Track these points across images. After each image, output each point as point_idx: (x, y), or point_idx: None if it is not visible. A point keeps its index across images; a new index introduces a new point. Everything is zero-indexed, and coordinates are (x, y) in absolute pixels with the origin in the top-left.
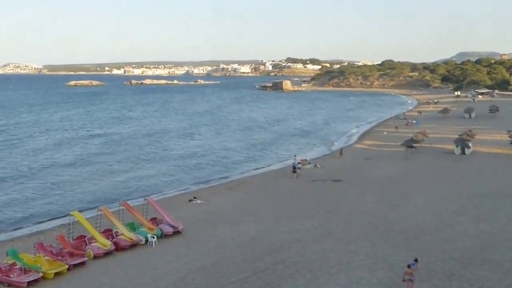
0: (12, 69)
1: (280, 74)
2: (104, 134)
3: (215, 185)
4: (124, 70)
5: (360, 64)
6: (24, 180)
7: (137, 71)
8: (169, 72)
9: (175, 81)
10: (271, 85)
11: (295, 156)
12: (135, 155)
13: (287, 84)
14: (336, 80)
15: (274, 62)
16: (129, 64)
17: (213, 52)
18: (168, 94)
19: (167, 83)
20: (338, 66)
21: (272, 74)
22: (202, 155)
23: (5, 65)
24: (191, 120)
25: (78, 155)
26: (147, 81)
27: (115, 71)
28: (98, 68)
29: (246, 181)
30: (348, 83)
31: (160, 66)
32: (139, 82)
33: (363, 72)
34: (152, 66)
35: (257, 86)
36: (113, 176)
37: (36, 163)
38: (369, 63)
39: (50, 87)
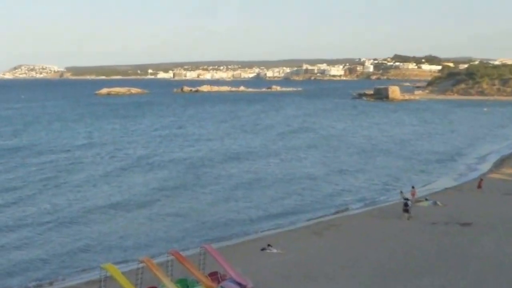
0: (25, 73)
1: (385, 77)
2: (151, 156)
3: (297, 227)
4: (174, 73)
5: (497, 63)
6: (50, 218)
7: (191, 75)
8: (233, 76)
9: (242, 88)
10: (372, 92)
11: (401, 192)
12: (193, 181)
13: (395, 91)
14: (463, 86)
15: (376, 61)
16: (180, 65)
17: (293, 49)
18: (233, 105)
19: (231, 91)
20: (466, 66)
21: (373, 77)
22: (286, 182)
23: (15, 68)
24: (280, 139)
25: (118, 186)
26: (205, 88)
27: (161, 75)
28: (139, 71)
29: (340, 222)
30: (480, 89)
31: (221, 68)
32: (193, 89)
33: (502, 75)
34: (211, 67)
35: (353, 94)
36: (160, 213)
37: (75, 199)
38: (510, 62)
39: (74, 97)
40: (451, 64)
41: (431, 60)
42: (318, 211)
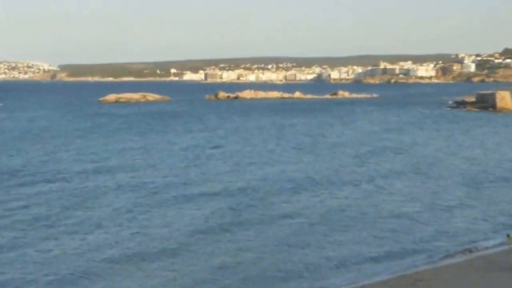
0: (4, 72)
1: (491, 79)
2: (178, 186)
3: (374, 283)
4: (206, 74)
5: None
6: None
7: (229, 75)
8: (286, 77)
9: (297, 94)
10: (474, 99)
11: (508, 235)
12: (235, 220)
13: (505, 99)
14: None
15: (479, 58)
16: (214, 62)
17: (366, 41)
18: (286, 117)
19: (282, 97)
20: None
21: (475, 79)
22: (363, 222)
23: None
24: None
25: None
26: (247, 94)
27: (188, 76)
28: (158, 71)
29: (429, 277)
30: None
31: (269, 66)
32: (232, 95)
33: None
34: (255, 65)
35: (449, 102)
36: (191, 265)
37: None
38: None
39: (71, 105)
40: None
41: None
42: (402, 260)
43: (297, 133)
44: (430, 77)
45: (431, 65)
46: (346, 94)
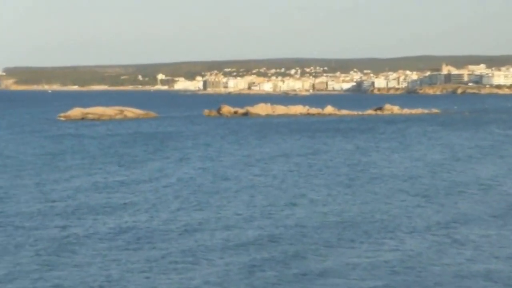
0: None
1: None
2: (160, 237)
3: None
4: (205, 82)
5: None
6: None
7: (237, 84)
8: (313, 86)
9: (329, 108)
10: None
11: None
12: None
13: None
14: None
15: None
16: (217, 65)
17: (421, 38)
18: (315, 139)
19: (309, 113)
20: None
21: None
22: None
23: None
24: None
25: None
26: (261, 109)
27: (181, 83)
28: (140, 77)
29: None
30: None
31: (291, 71)
32: (240, 110)
33: None
34: (273, 70)
35: None
36: None
37: None
38: None
39: (22, 124)
40: None
41: None
42: None
43: (332, 162)
44: None
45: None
46: (396, 109)
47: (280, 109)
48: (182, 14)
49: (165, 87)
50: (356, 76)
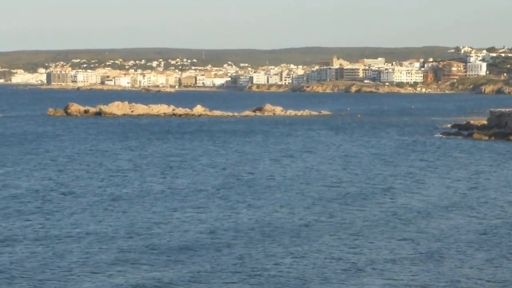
0: None
1: None
2: None
3: None
4: (49, 74)
5: None
6: None
7: (87, 78)
8: (180, 81)
9: (199, 109)
10: (485, 121)
11: None
12: None
13: None
14: None
15: (494, 54)
16: (64, 55)
17: (310, 27)
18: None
19: (175, 114)
20: None
21: (487, 87)
22: None
23: None
24: None
25: None
26: (117, 108)
27: (20, 77)
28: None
29: None
30: None
31: (153, 63)
32: (91, 109)
33: None
34: (131, 61)
35: (445, 126)
36: None
37: None
38: None
39: None
40: None
41: None
42: None
43: (203, 169)
44: (415, 84)
45: (416, 65)
46: (279, 110)
47: (140, 109)
48: None
49: (0, 81)
50: (231, 70)
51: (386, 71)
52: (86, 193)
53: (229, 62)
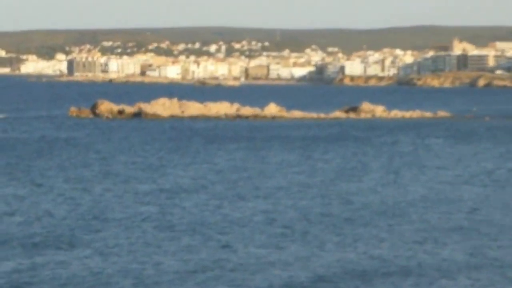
0: None
1: None
2: None
3: None
4: (71, 62)
5: None
6: None
7: (122, 67)
8: (247, 72)
9: (272, 108)
10: None
11: None
12: None
13: None
14: None
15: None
16: (91, 36)
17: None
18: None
19: (239, 115)
20: None
21: None
22: None
23: None
24: None
25: None
26: (161, 107)
27: (32, 65)
28: None
29: None
30: None
31: (211, 48)
32: (129, 109)
33: None
34: (181, 45)
35: None
36: None
37: None
38: None
39: None
40: None
41: None
42: None
43: (278, 187)
44: None
45: None
46: (380, 110)
47: (194, 108)
48: None
49: (6, 70)
50: (316, 56)
51: None
52: (139, 223)
53: (313, 46)
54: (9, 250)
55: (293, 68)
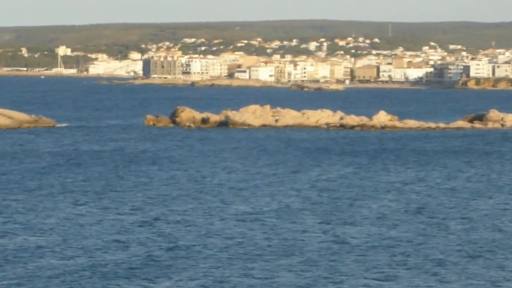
0: None
1: None
2: None
3: None
4: (147, 61)
5: None
6: None
7: (206, 67)
8: (353, 73)
9: (383, 116)
10: None
11: None
12: None
13: None
14: None
15: None
16: (171, 30)
17: None
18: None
19: (342, 125)
20: None
21: None
22: None
23: None
24: None
25: None
26: (252, 116)
27: (101, 65)
28: (25, 51)
29: None
30: None
31: (311, 43)
32: (211, 117)
33: None
34: (275, 41)
35: None
36: None
37: None
38: None
39: None
40: None
41: None
42: None
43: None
44: None
45: None
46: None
47: (290, 116)
48: None
49: (72, 71)
50: (435, 55)
51: None
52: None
53: (432, 43)
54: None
55: (407, 69)
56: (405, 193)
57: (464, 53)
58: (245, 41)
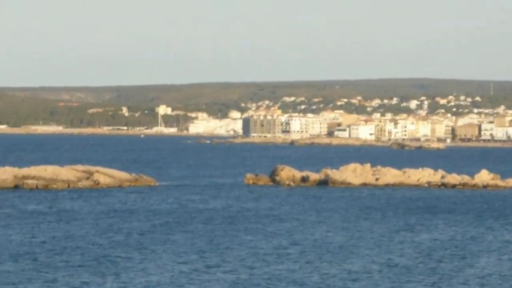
0: None
1: None
2: None
3: None
4: (247, 120)
5: None
6: None
7: (306, 126)
8: (455, 131)
9: (485, 175)
10: None
11: None
12: None
13: None
14: None
15: None
16: (271, 88)
17: None
18: None
19: (443, 184)
20: None
21: None
22: None
23: None
24: None
25: None
26: (352, 175)
27: (200, 124)
28: (125, 110)
29: None
30: None
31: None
32: (311, 175)
33: None
34: (376, 100)
35: None
36: None
37: None
38: None
39: None
40: None
41: None
42: None
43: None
44: None
45: None
46: None
47: (390, 175)
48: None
49: (172, 130)
50: None
51: None
52: None
53: None
54: None
55: (509, 127)
56: None
57: None
58: (345, 100)
